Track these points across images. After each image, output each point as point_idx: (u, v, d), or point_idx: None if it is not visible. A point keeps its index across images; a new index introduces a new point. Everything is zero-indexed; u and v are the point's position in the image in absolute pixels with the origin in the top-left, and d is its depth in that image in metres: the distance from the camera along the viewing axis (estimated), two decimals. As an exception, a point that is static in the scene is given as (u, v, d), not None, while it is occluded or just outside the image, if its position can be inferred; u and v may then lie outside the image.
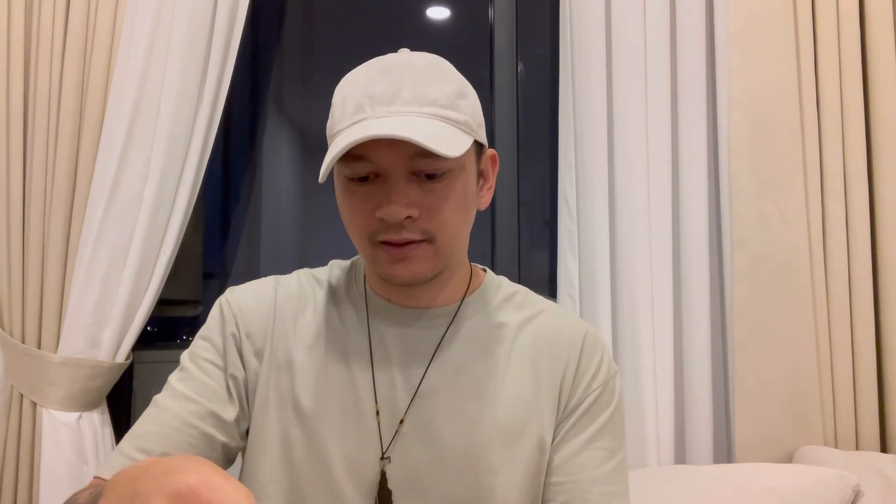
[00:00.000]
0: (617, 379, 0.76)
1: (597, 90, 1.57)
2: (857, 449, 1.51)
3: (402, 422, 0.68)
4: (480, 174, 0.72)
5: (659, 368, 1.54)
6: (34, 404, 1.48)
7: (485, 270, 0.80)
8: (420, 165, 0.63)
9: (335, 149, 0.62)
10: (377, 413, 0.69)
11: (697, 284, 1.56)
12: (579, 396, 0.72)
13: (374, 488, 0.67)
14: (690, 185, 1.57)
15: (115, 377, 1.52)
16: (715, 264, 1.60)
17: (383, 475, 0.67)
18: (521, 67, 1.81)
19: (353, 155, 0.63)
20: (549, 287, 1.67)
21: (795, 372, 1.50)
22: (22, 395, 1.48)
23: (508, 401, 0.70)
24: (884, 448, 1.53)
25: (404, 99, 0.63)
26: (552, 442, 0.72)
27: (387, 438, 0.68)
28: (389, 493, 0.66)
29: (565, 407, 0.72)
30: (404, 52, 0.70)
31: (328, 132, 0.68)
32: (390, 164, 0.63)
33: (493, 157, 0.74)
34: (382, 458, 0.67)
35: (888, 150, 1.53)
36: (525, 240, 1.79)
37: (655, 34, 1.58)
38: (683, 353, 1.57)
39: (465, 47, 1.98)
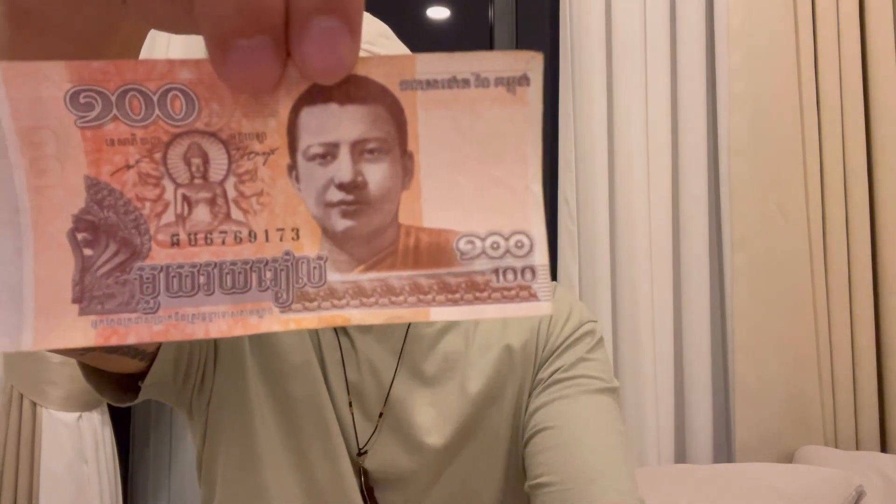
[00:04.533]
0: (597, 326, 0.69)
1: (597, 90, 1.57)
2: (857, 449, 1.51)
3: (381, 415, 0.65)
4: None
5: (659, 368, 1.54)
6: (34, 404, 1.48)
7: None
8: None
9: None
10: (350, 405, 0.65)
11: (697, 284, 1.56)
12: (553, 341, 0.67)
13: (354, 484, 0.64)
14: (690, 185, 1.57)
15: (115, 377, 1.52)
16: (715, 264, 1.60)
17: (364, 472, 0.64)
18: (521, 67, 1.80)
19: None
20: (549, 287, 1.67)
21: (795, 372, 1.50)
22: (22, 395, 1.48)
23: (479, 370, 0.66)
24: (884, 448, 1.53)
25: None
26: (530, 392, 0.67)
27: (363, 433, 0.64)
28: (371, 489, 0.64)
29: (542, 352, 0.67)
30: None
31: None
32: None
33: None
34: (360, 453, 0.64)
35: (888, 150, 1.53)
36: (525, 240, 1.78)
37: (655, 34, 1.58)
38: (683, 353, 1.57)
39: (465, 47, 1.97)
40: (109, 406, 1.56)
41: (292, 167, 0.18)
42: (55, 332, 0.17)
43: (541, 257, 0.19)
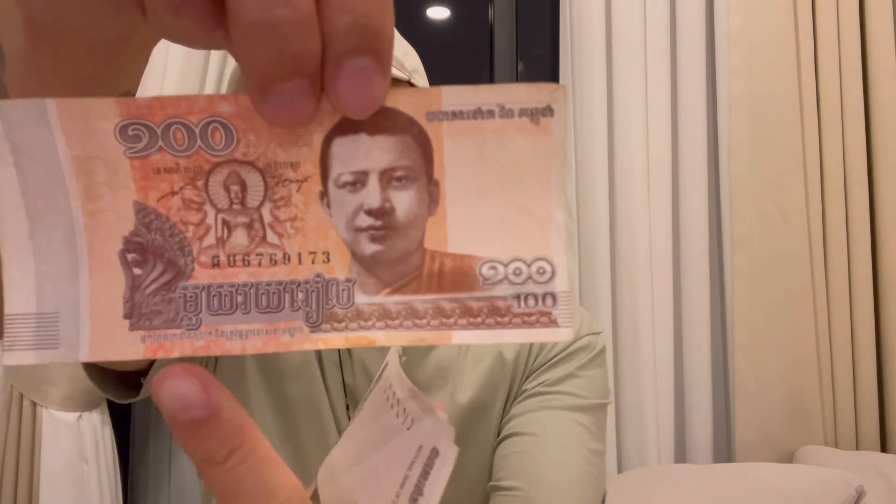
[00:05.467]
0: (596, 339, 0.68)
1: (597, 90, 1.57)
2: (857, 449, 1.51)
3: None
4: None
5: (659, 368, 1.54)
6: (34, 404, 1.48)
7: None
8: None
9: None
10: (347, 407, 0.65)
11: (697, 284, 1.56)
12: (546, 354, 0.66)
13: None
14: (690, 185, 1.57)
15: (115, 377, 1.52)
16: (715, 264, 1.60)
17: None
18: (521, 67, 1.80)
19: None
20: (549, 287, 1.67)
21: (795, 372, 1.50)
22: (22, 395, 1.48)
23: (471, 380, 0.65)
24: (884, 448, 1.53)
25: None
26: (513, 400, 0.66)
27: None
28: None
29: (532, 363, 0.66)
30: None
31: None
32: None
33: None
34: None
35: (888, 150, 1.53)
36: (525, 240, 1.78)
37: (655, 34, 1.58)
38: (683, 353, 1.57)
39: (465, 47, 1.98)
40: (109, 406, 1.56)
41: (324, 194, 0.19)
42: (109, 345, 0.19)
43: (562, 284, 0.19)
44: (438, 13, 1.98)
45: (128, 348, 0.19)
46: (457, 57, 1.97)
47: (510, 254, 0.19)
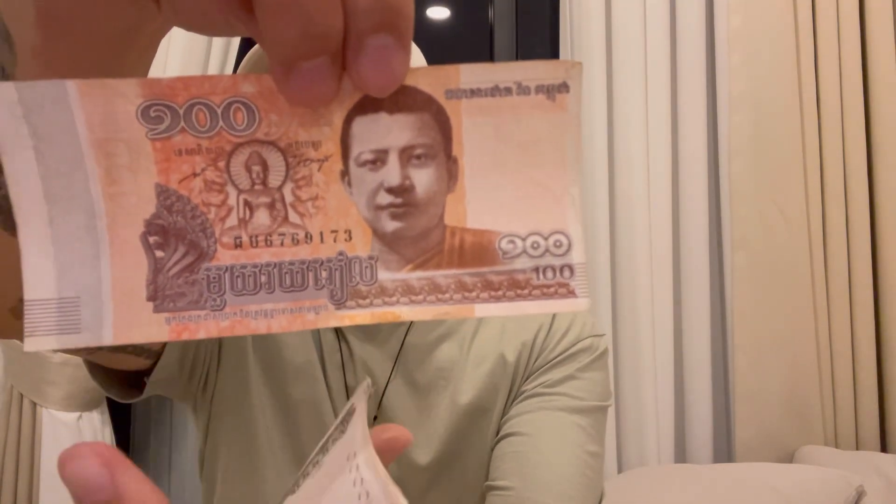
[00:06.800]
0: (598, 341, 0.67)
1: (597, 91, 1.58)
2: (857, 449, 1.52)
3: (375, 418, 0.64)
4: None
5: (659, 368, 1.54)
6: (34, 404, 1.48)
7: None
8: None
9: None
10: None
11: (697, 284, 1.56)
12: (546, 355, 0.66)
13: None
14: (690, 185, 1.57)
15: (115, 377, 1.52)
16: (715, 264, 1.60)
17: None
18: (521, 67, 1.80)
19: None
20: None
21: (795, 372, 1.50)
22: (22, 395, 1.48)
23: (472, 382, 0.65)
24: (884, 448, 1.53)
25: None
26: (512, 400, 0.65)
27: None
28: None
29: (533, 364, 0.66)
30: None
31: None
32: None
33: None
34: None
35: (888, 150, 1.53)
36: (525, 240, 1.78)
37: (655, 34, 1.59)
38: (683, 353, 1.57)
39: (465, 47, 1.98)
40: (109, 406, 1.56)
41: (345, 173, 0.19)
42: (133, 328, 0.19)
43: (578, 256, 0.20)
44: (438, 13, 1.98)
45: (152, 330, 0.19)
46: (457, 57, 1.97)
47: (528, 228, 0.20)
